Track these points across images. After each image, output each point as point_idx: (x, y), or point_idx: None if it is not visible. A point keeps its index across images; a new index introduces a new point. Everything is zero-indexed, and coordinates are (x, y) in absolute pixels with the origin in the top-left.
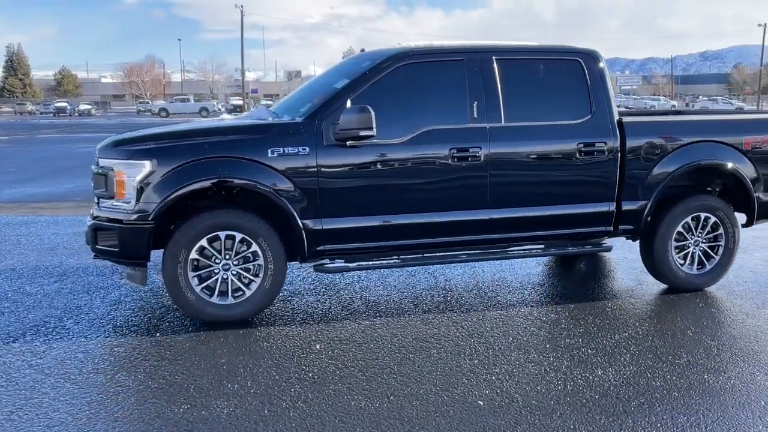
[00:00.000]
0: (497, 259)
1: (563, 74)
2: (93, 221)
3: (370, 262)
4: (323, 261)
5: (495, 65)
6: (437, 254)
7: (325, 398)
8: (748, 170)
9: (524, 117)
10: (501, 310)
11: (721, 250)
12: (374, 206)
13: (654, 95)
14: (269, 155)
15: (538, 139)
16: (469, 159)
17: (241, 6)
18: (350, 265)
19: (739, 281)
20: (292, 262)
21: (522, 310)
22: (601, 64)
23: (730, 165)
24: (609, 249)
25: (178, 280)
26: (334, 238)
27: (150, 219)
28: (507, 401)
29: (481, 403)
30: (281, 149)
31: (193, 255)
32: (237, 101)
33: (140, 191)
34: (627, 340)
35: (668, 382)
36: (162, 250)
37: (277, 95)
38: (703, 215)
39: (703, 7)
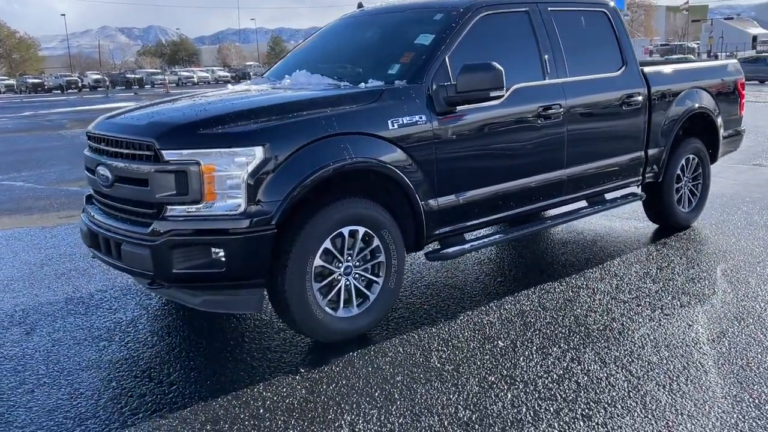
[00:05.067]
0: (567, 221)
1: (597, 26)
2: (163, 238)
3: (482, 241)
4: (437, 247)
5: (552, 17)
6: (531, 224)
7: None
8: (716, 111)
9: (580, 71)
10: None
11: (700, 188)
12: (482, 175)
13: None
14: (390, 127)
15: (596, 93)
16: (552, 117)
17: None
18: (466, 246)
19: None
20: None
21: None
22: (620, 16)
23: (710, 108)
24: (642, 197)
25: (306, 296)
26: (450, 218)
27: (273, 223)
28: None
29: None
30: (400, 119)
31: (318, 261)
32: None
33: (252, 188)
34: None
35: None
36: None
37: None
38: (691, 156)
39: None
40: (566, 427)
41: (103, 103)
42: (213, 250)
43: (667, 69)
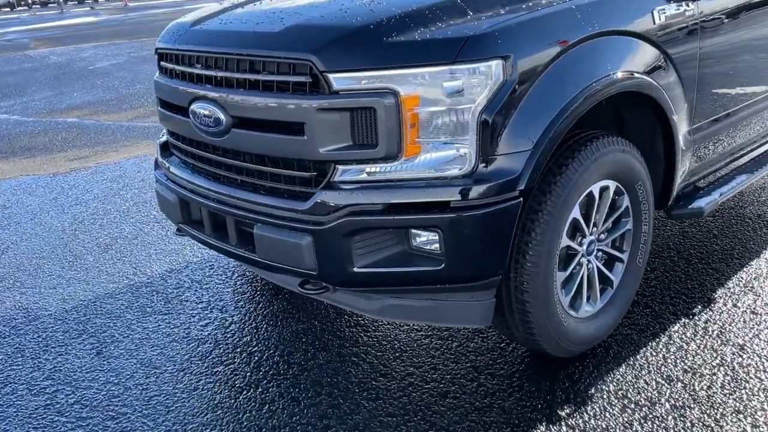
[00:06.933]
0: None
1: None
2: (337, 218)
3: (730, 186)
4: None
5: None
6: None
7: None
8: None
9: None
10: None
11: None
12: (739, 87)
13: None
14: (655, 21)
15: None
16: None
17: None
18: (716, 197)
19: None
20: None
21: None
22: None
23: None
24: None
25: (551, 295)
26: (706, 157)
27: (520, 187)
28: None
29: None
30: (666, 8)
31: (564, 241)
32: None
33: (488, 130)
34: None
35: None
36: None
37: None
38: None
39: None
40: None
41: (59, 19)
42: (420, 234)
43: None
